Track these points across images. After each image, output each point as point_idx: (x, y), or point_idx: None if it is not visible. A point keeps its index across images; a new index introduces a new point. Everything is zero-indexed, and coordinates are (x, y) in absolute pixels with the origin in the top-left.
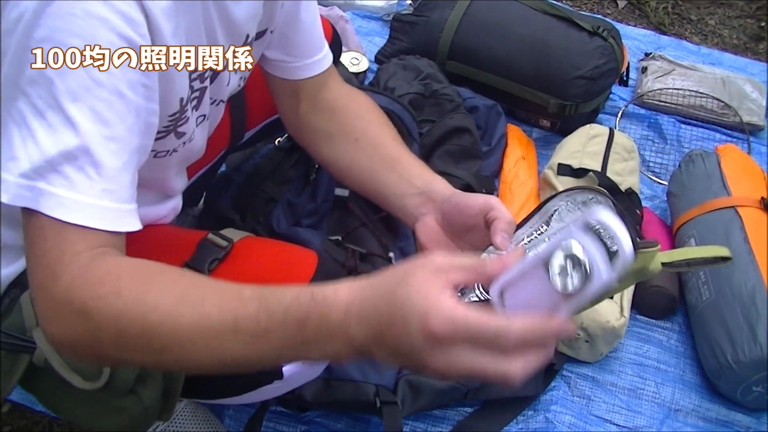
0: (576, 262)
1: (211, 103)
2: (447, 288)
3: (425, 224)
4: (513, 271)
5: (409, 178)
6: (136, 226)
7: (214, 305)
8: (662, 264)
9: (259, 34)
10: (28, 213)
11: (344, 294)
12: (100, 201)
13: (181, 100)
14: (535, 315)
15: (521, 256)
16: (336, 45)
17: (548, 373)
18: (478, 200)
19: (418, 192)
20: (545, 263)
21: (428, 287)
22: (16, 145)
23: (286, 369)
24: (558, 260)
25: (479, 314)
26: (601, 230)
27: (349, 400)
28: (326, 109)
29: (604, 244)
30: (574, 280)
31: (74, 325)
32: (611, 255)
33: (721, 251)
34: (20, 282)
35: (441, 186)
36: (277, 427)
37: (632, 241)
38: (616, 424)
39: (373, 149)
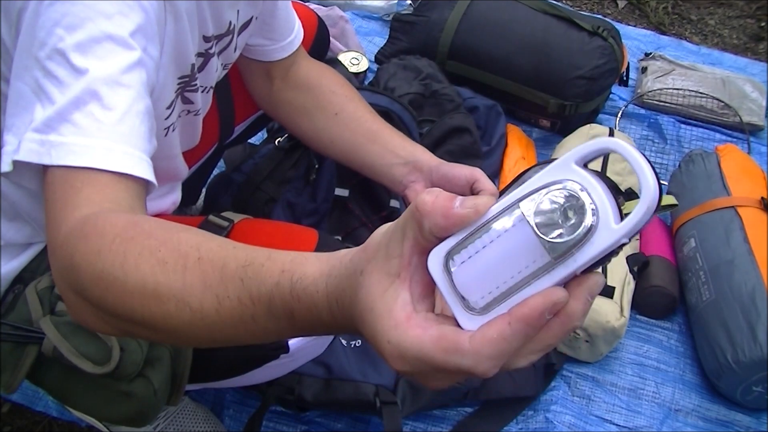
0: (571, 207)
1: (201, 92)
2: (405, 305)
3: (416, 192)
4: (465, 229)
5: (393, 149)
6: (147, 174)
7: (195, 278)
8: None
9: (245, 24)
10: (45, 172)
11: (323, 286)
12: (108, 142)
13: (192, 66)
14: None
15: (480, 206)
16: (322, 35)
17: (548, 373)
18: (464, 171)
19: (404, 162)
20: (521, 213)
21: (384, 305)
22: (36, 110)
23: (293, 342)
24: (543, 205)
25: (439, 345)
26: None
27: (349, 400)
28: (300, 85)
29: (612, 187)
30: (568, 232)
31: (68, 280)
32: (620, 200)
33: (669, 200)
34: (24, 277)
35: (425, 156)
36: (277, 427)
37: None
38: (616, 424)
39: (355, 123)
